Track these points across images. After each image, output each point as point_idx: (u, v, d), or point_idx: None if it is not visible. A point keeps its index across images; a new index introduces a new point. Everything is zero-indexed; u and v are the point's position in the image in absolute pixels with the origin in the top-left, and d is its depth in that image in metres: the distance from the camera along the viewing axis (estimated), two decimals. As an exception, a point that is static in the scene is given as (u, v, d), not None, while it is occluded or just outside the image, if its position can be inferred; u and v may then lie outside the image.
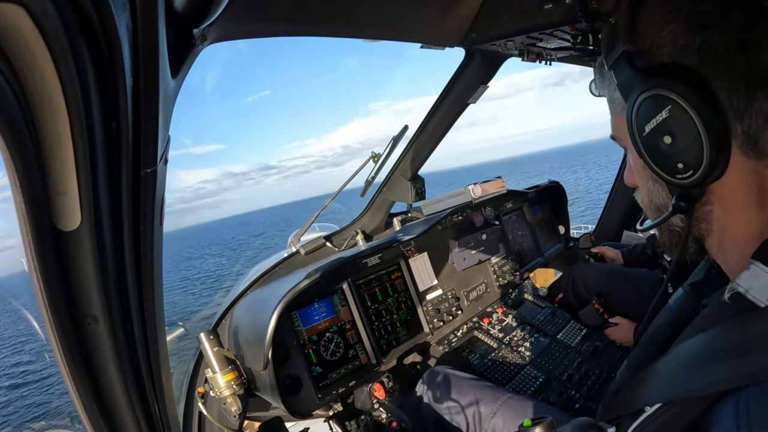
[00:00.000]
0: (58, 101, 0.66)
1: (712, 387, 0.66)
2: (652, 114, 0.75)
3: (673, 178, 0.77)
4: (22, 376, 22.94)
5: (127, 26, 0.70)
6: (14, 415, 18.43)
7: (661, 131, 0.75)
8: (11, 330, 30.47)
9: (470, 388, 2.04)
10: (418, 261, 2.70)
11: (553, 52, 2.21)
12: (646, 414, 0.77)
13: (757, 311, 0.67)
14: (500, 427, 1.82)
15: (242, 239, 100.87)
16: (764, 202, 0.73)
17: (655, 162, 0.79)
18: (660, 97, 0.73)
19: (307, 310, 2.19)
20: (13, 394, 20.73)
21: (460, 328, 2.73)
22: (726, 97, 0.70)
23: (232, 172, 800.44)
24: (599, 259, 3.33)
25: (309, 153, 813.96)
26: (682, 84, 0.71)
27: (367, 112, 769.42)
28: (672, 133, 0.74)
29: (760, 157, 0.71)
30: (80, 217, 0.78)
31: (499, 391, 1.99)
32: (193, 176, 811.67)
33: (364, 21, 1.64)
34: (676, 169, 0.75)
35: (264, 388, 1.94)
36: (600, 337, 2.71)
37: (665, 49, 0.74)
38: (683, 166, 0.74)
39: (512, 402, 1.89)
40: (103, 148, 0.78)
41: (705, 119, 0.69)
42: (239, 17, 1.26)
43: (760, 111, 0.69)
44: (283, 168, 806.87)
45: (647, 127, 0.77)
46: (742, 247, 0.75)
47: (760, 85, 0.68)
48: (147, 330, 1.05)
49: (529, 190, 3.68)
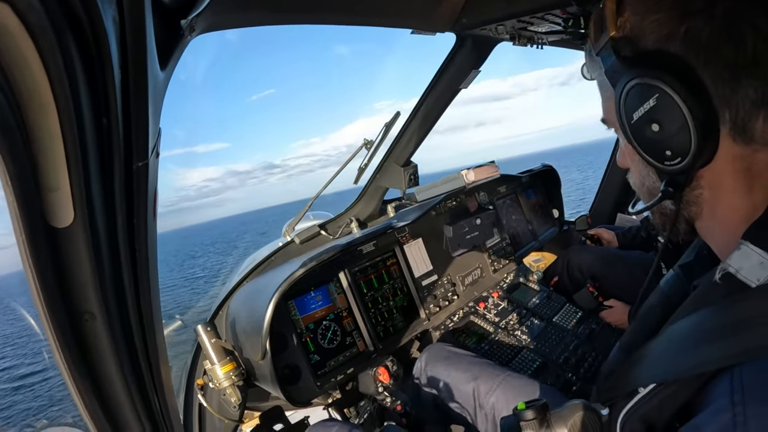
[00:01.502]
0: (46, 97, 0.65)
1: (705, 366, 0.67)
2: (639, 102, 0.76)
3: (661, 165, 0.79)
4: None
5: (114, 19, 0.69)
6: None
7: (648, 119, 0.76)
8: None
9: (470, 365, 2.06)
10: (413, 247, 2.71)
11: (545, 36, 2.20)
12: (640, 395, 0.78)
13: (748, 291, 0.69)
14: (499, 404, 1.84)
15: (247, 238, 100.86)
16: (752, 186, 0.75)
17: (644, 148, 0.80)
18: (647, 85, 0.74)
19: (304, 299, 2.19)
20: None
21: (456, 313, 2.74)
22: (712, 84, 0.70)
23: (236, 171, 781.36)
24: (596, 241, 3.34)
25: (313, 152, 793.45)
26: (669, 73, 0.72)
27: (372, 111, 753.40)
28: (659, 121, 0.75)
29: (747, 143, 0.72)
30: (73, 213, 0.77)
31: (498, 369, 2.01)
32: (197, 174, 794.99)
33: (353, 7, 1.62)
34: (664, 156, 0.77)
35: (263, 378, 1.95)
36: (595, 320, 2.74)
37: (651, 37, 0.75)
38: (671, 153, 0.76)
39: (511, 380, 1.90)
40: (94, 143, 0.77)
41: (691, 107, 0.71)
42: (226, 7, 1.24)
43: (747, 98, 0.70)
44: (287, 167, 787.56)
45: (635, 115, 0.78)
46: (731, 229, 0.77)
47: (745, 72, 0.69)
48: (144, 324, 1.05)
49: (522, 175, 3.68)
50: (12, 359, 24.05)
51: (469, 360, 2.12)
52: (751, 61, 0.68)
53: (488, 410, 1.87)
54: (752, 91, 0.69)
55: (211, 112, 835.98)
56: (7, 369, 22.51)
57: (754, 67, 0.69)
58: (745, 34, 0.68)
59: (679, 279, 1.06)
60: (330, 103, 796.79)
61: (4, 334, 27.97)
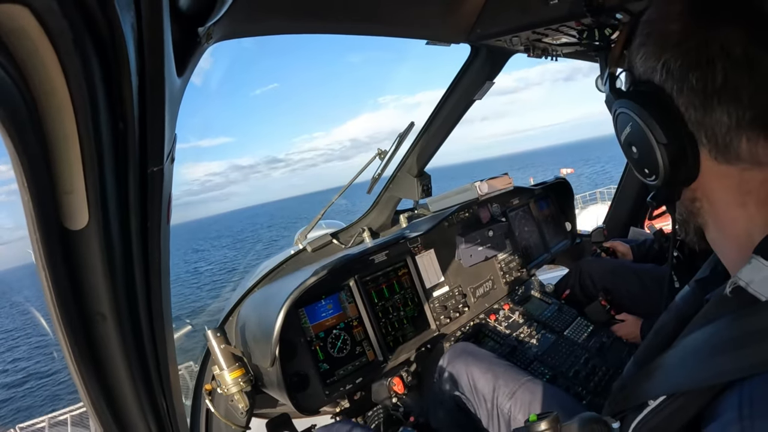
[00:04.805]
0: (64, 101, 0.66)
1: (715, 378, 0.67)
2: (621, 127, 0.89)
3: (645, 180, 0.88)
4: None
5: (132, 25, 0.70)
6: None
7: (628, 142, 0.88)
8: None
9: (491, 365, 2.05)
10: (425, 258, 2.70)
11: (559, 48, 2.20)
12: (650, 407, 0.78)
13: (758, 305, 0.69)
14: (516, 408, 1.84)
15: (252, 230, 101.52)
16: (745, 202, 0.77)
17: (633, 165, 0.91)
18: (624, 114, 0.86)
19: (314, 307, 2.19)
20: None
21: (467, 325, 2.73)
22: (686, 111, 0.77)
23: (240, 165, 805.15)
24: (611, 254, 3.31)
25: (317, 146, 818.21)
26: (641, 103, 0.82)
27: (376, 106, 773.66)
28: (635, 144, 0.86)
29: (731, 162, 0.76)
30: (87, 216, 0.78)
31: (520, 373, 2.00)
32: (201, 169, 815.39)
33: (368, 17, 1.64)
34: (644, 173, 0.87)
35: (271, 384, 1.95)
36: (607, 334, 2.70)
37: (641, 69, 0.84)
38: (648, 171, 0.85)
39: (531, 385, 1.89)
40: (110, 147, 0.78)
41: (654, 133, 0.80)
42: (244, 15, 1.26)
43: (721, 122, 0.74)
44: (291, 161, 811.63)
45: (622, 137, 0.90)
46: (736, 242, 0.80)
47: (717, 99, 0.73)
48: (154, 327, 1.06)
49: (535, 187, 3.66)
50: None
51: (492, 360, 2.11)
52: (721, 87, 0.72)
53: (505, 413, 1.87)
54: (725, 115, 0.73)
55: (213, 107, 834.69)
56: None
57: (723, 93, 0.72)
58: (716, 62, 0.72)
59: (694, 294, 1.06)
60: (334, 97, 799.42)
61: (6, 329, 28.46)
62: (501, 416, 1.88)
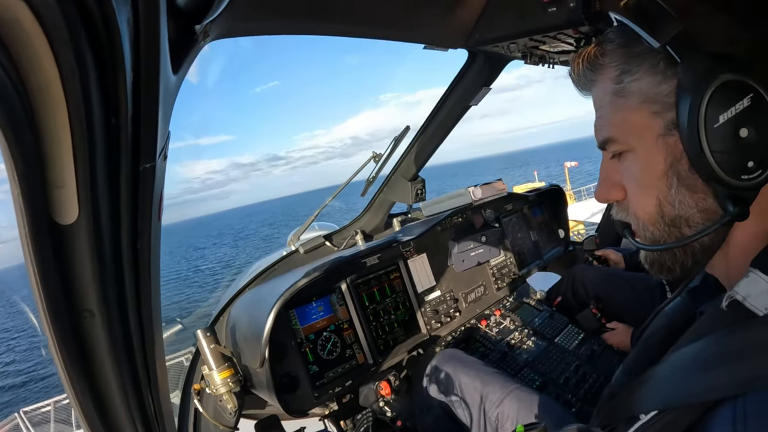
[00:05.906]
0: (57, 94, 0.66)
1: (709, 394, 0.66)
2: (729, 103, 0.67)
3: (735, 180, 0.68)
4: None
5: (128, 21, 0.69)
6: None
7: (737, 123, 0.67)
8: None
9: (479, 372, 2.05)
10: (417, 262, 2.70)
11: (556, 56, 2.21)
12: (641, 422, 0.76)
13: (755, 319, 0.67)
14: (504, 416, 1.83)
15: (252, 228, 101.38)
16: (762, 210, 0.73)
17: (718, 159, 0.68)
18: (742, 84, 0.66)
19: (305, 309, 2.18)
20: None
21: (458, 330, 2.73)
22: None
23: (240, 163, 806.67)
24: (603, 262, 3.32)
25: (317, 144, 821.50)
26: (761, 72, 0.66)
27: (377, 103, 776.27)
28: (754, 124, 0.67)
29: None
30: (78, 211, 0.78)
31: (508, 380, 2.00)
32: (201, 167, 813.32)
33: (366, 20, 1.64)
34: (744, 168, 0.68)
35: (260, 385, 1.94)
36: (597, 341, 2.71)
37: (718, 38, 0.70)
38: (754, 163, 0.67)
39: (519, 393, 1.89)
40: (102, 142, 0.77)
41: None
42: (242, 14, 1.26)
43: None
44: (291, 159, 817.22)
45: (722, 118, 0.67)
46: (745, 254, 0.75)
47: None
48: (143, 325, 1.05)
49: (529, 193, 3.68)
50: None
51: (479, 367, 2.11)
52: None
53: (493, 421, 1.86)
54: None
55: (213, 104, 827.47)
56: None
57: None
58: None
59: (684, 303, 1.05)
60: (335, 95, 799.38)
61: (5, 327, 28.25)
62: (488, 424, 1.87)
